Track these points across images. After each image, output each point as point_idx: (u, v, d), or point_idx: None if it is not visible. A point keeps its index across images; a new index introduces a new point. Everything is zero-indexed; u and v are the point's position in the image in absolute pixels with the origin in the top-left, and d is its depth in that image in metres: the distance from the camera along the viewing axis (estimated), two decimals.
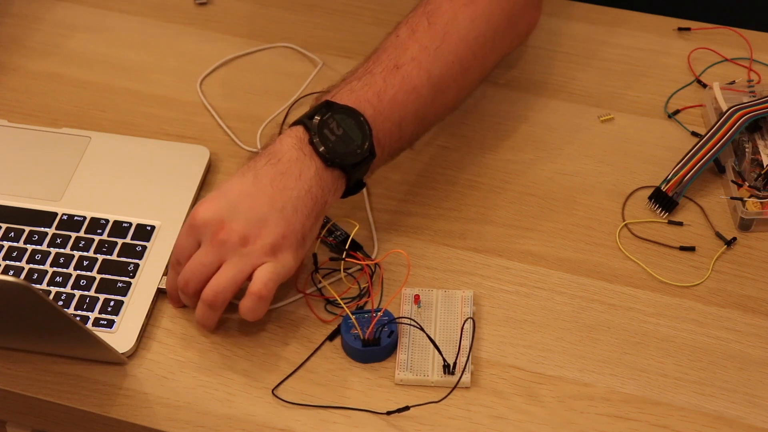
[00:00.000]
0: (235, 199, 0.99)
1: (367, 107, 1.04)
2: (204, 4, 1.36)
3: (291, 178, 1.00)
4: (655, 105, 1.23)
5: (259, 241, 0.98)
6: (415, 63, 1.07)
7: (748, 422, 0.97)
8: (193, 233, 1.00)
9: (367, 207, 1.12)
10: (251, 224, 0.98)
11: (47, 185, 1.14)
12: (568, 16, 1.33)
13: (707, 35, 1.30)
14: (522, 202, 1.14)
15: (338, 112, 1.03)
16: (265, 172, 1.00)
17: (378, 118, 1.04)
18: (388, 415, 0.97)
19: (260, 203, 0.99)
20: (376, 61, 1.07)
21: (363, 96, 1.04)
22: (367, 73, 1.06)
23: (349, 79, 1.07)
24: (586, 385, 1.00)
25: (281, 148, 1.02)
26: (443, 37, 1.08)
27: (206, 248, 0.99)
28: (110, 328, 1.03)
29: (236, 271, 0.98)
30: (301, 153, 1.01)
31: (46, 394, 1.00)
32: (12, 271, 1.07)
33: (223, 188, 1.01)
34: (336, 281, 1.07)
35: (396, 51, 1.07)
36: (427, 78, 1.07)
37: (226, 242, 0.98)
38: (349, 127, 1.02)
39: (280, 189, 1.00)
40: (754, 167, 1.13)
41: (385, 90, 1.05)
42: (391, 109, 1.05)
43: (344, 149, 1.02)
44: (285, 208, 0.99)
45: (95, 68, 1.28)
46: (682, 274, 1.08)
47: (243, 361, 1.02)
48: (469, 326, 1.02)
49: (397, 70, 1.06)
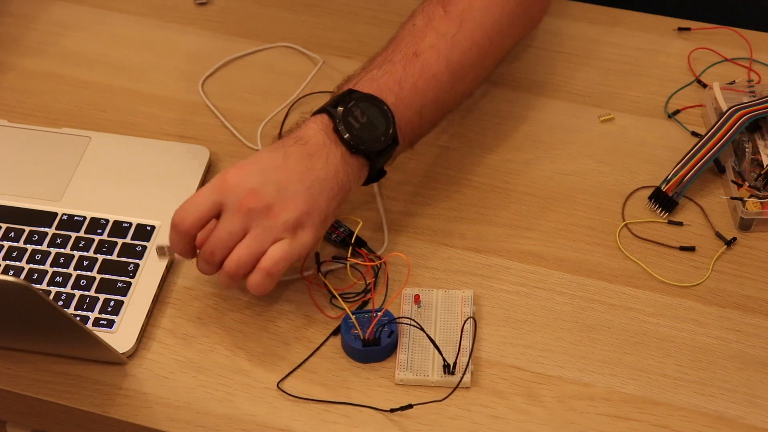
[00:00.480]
0: (267, 170, 0.99)
1: (389, 95, 1.04)
2: (204, 4, 1.36)
3: (319, 160, 1.01)
4: (655, 105, 1.23)
5: (284, 215, 0.98)
6: (433, 50, 1.07)
7: (748, 422, 0.97)
8: (218, 194, 0.98)
9: (378, 202, 1.12)
10: (279, 195, 0.98)
11: (47, 185, 1.14)
12: (569, 16, 1.33)
13: (707, 35, 1.30)
14: (522, 202, 1.14)
15: (362, 100, 1.03)
16: (293, 151, 1.01)
17: (400, 106, 1.05)
18: (391, 413, 0.97)
19: (290, 177, 0.99)
20: (394, 49, 1.08)
21: (384, 84, 1.05)
22: (386, 61, 1.07)
23: (369, 68, 1.07)
24: (586, 385, 1.00)
25: (307, 132, 1.02)
26: (460, 24, 1.09)
27: (233, 215, 0.98)
28: (110, 328, 1.03)
29: (259, 244, 0.98)
30: (327, 139, 1.02)
31: (46, 394, 1.00)
32: (12, 271, 1.07)
33: (254, 158, 1.01)
34: (342, 277, 1.07)
35: (414, 39, 1.08)
36: (446, 65, 1.08)
37: (253, 210, 0.98)
38: (373, 115, 1.03)
39: (309, 168, 1.00)
40: (754, 167, 1.13)
41: (405, 78, 1.06)
42: (412, 96, 1.06)
43: (369, 136, 1.03)
44: (312, 186, 1.00)
45: (95, 68, 1.28)
46: (682, 274, 1.08)
47: (243, 361, 1.02)
48: (469, 326, 1.02)
49: (416, 58, 1.07)
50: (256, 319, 1.04)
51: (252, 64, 1.29)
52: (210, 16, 1.35)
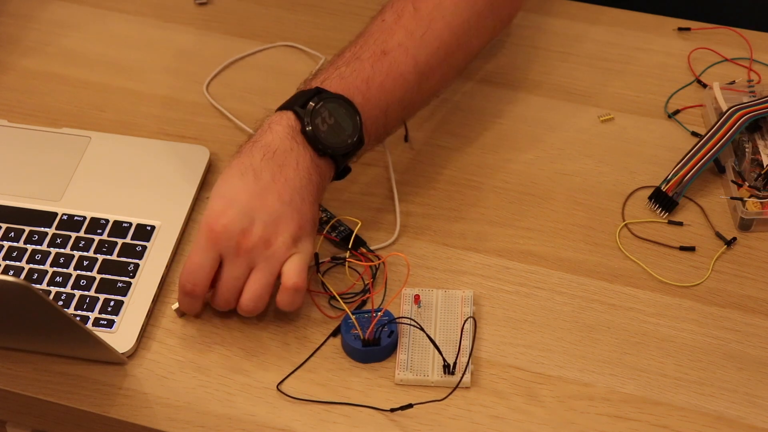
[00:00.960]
0: (246, 204, 0.99)
1: (357, 94, 1.04)
2: (204, 4, 1.36)
3: (290, 169, 1.00)
4: (655, 105, 1.23)
5: (280, 239, 0.99)
6: (401, 49, 1.07)
7: (748, 422, 0.97)
8: (214, 248, 0.99)
9: (393, 188, 1.13)
10: (270, 225, 0.99)
11: (47, 185, 1.14)
12: (569, 16, 1.33)
13: (707, 35, 1.30)
14: (522, 202, 1.14)
15: (330, 101, 1.03)
16: (262, 167, 1.00)
17: (366, 106, 1.04)
18: (391, 412, 0.97)
19: (270, 202, 0.99)
20: (363, 45, 1.07)
21: (352, 83, 1.04)
22: (355, 58, 1.06)
23: (336, 63, 1.07)
24: (586, 385, 1.00)
25: (274, 139, 1.02)
26: (429, 24, 1.08)
27: (234, 261, 0.99)
28: (110, 328, 1.03)
29: (268, 275, 0.99)
30: (294, 142, 1.01)
31: (46, 394, 1.00)
32: (12, 271, 1.07)
33: (227, 194, 1.00)
34: (341, 277, 1.07)
35: (383, 36, 1.07)
36: (413, 65, 1.07)
37: (252, 249, 0.98)
38: (341, 116, 1.03)
39: (283, 182, 1.00)
40: (754, 167, 1.13)
41: (373, 77, 1.05)
42: (378, 96, 1.05)
43: (336, 140, 1.02)
44: (294, 200, 1.00)
45: (95, 68, 1.28)
46: (682, 274, 1.08)
47: (243, 361, 1.02)
48: (469, 326, 1.02)
49: (384, 56, 1.06)
50: (256, 319, 1.04)
51: (252, 64, 1.29)
52: (210, 16, 1.35)
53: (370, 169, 1.16)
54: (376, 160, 1.16)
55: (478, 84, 1.25)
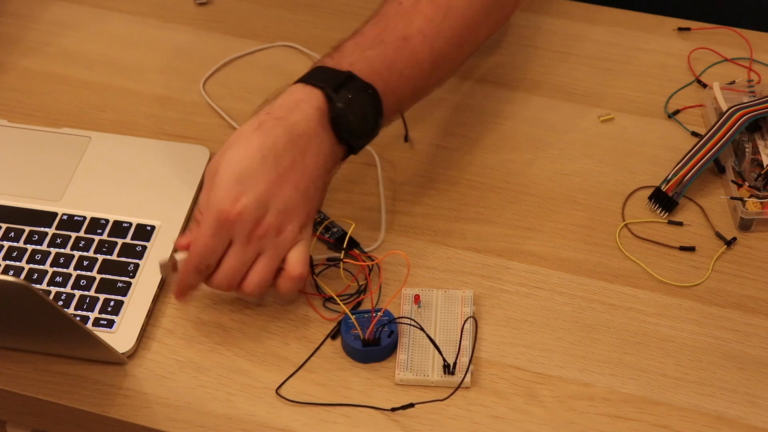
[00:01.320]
0: (263, 193, 0.98)
1: (379, 81, 1.04)
2: (204, 4, 1.36)
3: (310, 156, 1.00)
4: (655, 105, 1.23)
5: (290, 227, 0.99)
6: (421, 36, 1.06)
7: (748, 422, 0.97)
8: (226, 231, 0.98)
9: (380, 190, 1.13)
10: (282, 213, 0.99)
11: (47, 185, 1.14)
12: (568, 16, 1.33)
13: (707, 35, 1.30)
14: (522, 202, 1.14)
15: (362, 91, 1.02)
16: (285, 152, 0.99)
17: (386, 93, 1.04)
18: (392, 412, 0.97)
19: (286, 190, 0.99)
20: (385, 28, 1.06)
21: (377, 69, 1.04)
22: (379, 42, 1.05)
23: (361, 44, 1.05)
24: (586, 385, 1.00)
25: (300, 120, 1.00)
26: (446, 11, 1.08)
27: (244, 246, 0.98)
28: (110, 328, 1.03)
29: (275, 260, 1.00)
30: (320, 127, 1.01)
31: (46, 394, 1.00)
32: (12, 271, 1.07)
33: (245, 178, 0.98)
34: (335, 278, 1.07)
35: (403, 20, 1.06)
36: (429, 53, 1.07)
37: (263, 237, 0.98)
38: (367, 108, 1.03)
39: (302, 171, 1.00)
40: (754, 167, 1.13)
41: (395, 63, 1.05)
42: (397, 84, 1.05)
43: (360, 131, 1.03)
44: (308, 189, 1.00)
45: (95, 68, 1.28)
46: (682, 274, 1.08)
47: (243, 361, 1.02)
48: (469, 326, 1.02)
49: (405, 43, 1.06)
50: (256, 319, 1.04)
51: (252, 63, 1.29)
52: (210, 16, 1.35)
53: (370, 169, 1.16)
54: (375, 161, 1.16)
55: (478, 84, 1.25)
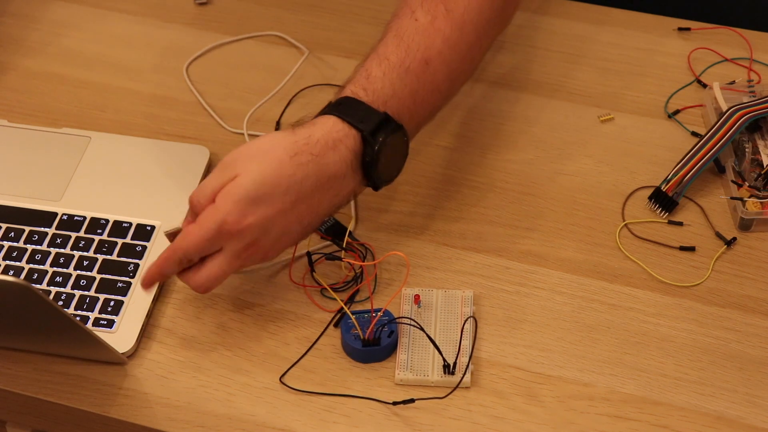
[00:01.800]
0: (270, 219, 0.98)
1: (405, 113, 1.03)
2: (204, 4, 1.36)
3: (329, 194, 1.00)
4: (655, 105, 1.23)
5: (275, 251, 1.01)
6: (441, 58, 1.05)
7: (748, 422, 0.97)
8: (221, 241, 0.98)
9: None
10: (277, 240, 1.00)
11: (47, 185, 1.14)
12: (569, 16, 1.33)
13: (707, 35, 1.30)
14: (522, 202, 1.14)
15: (395, 135, 1.01)
16: (307, 194, 0.99)
17: (411, 123, 1.04)
18: (393, 405, 0.97)
19: (291, 223, 1.00)
20: (408, 51, 1.04)
21: (404, 101, 1.03)
22: (405, 70, 1.03)
23: (389, 73, 1.03)
24: (586, 385, 1.00)
25: (335, 163, 0.99)
26: (461, 27, 1.06)
27: (232, 259, 0.99)
28: (110, 328, 1.03)
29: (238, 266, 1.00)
30: (351, 170, 1.00)
31: (46, 394, 1.00)
32: (12, 271, 1.07)
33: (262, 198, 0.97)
34: (328, 272, 1.07)
35: (423, 41, 1.05)
36: (447, 74, 1.06)
37: (252, 255, 1.00)
38: (396, 152, 1.03)
39: (315, 208, 1.00)
40: (754, 167, 1.13)
41: (418, 91, 1.04)
42: (421, 112, 1.06)
43: (388, 175, 1.03)
44: (311, 224, 1.02)
45: (95, 68, 1.28)
46: (682, 274, 1.08)
47: (243, 361, 1.02)
48: (469, 326, 1.02)
49: (427, 67, 1.04)
50: (256, 319, 1.05)
51: (252, 63, 1.29)
52: (210, 16, 1.35)
53: None
54: None
55: (478, 84, 1.25)
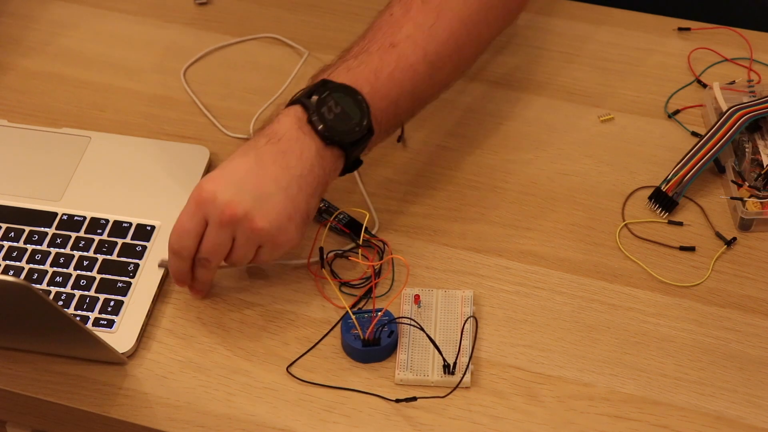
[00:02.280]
0: (240, 178, 0.99)
1: (365, 85, 1.04)
2: (204, 4, 1.36)
3: (293, 156, 1.01)
4: (655, 105, 1.23)
5: (264, 222, 0.99)
6: (410, 41, 1.06)
7: (748, 422, 0.97)
8: (200, 211, 0.99)
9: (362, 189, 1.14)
10: (257, 203, 0.99)
11: (47, 185, 1.14)
12: (569, 16, 1.33)
13: (707, 35, 1.30)
14: (522, 202, 1.14)
15: (336, 91, 1.03)
16: (266, 150, 1.01)
17: (375, 96, 1.04)
18: (396, 403, 0.97)
19: (265, 181, 0.99)
20: (371, 39, 1.07)
21: (360, 74, 1.04)
22: (363, 51, 1.06)
23: (345, 57, 1.07)
24: (586, 385, 1.00)
25: (280, 128, 1.02)
26: (437, 15, 1.08)
27: (217, 228, 0.99)
28: (110, 328, 1.03)
29: (246, 252, 1.01)
30: (301, 132, 1.01)
31: (46, 394, 1.00)
32: (12, 271, 1.07)
33: (226, 167, 1.01)
34: (342, 269, 1.07)
35: (391, 29, 1.07)
36: (423, 56, 1.07)
37: (235, 222, 0.99)
38: (348, 105, 1.03)
39: (283, 167, 1.00)
40: (754, 167, 1.13)
41: (381, 68, 1.05)
42: (388, 87, 1.05)
43: (343, 127, 1.02)
44: (290, 186, 1.00)
45: (95, 68, 1.28)
46: (682, 274, 1.08)
47: (243, 361, 1.02)
48: (469, 326, 1.02)
49: (393, 48, 1.06)
50: (256, 319, 1.05)
51: (251, 63, 1.29)
52: (210, 16, 1.35)
53: (370, 168, 1.16)
54: (376, 161, 1.17)
55: (478, 84, 1.25)
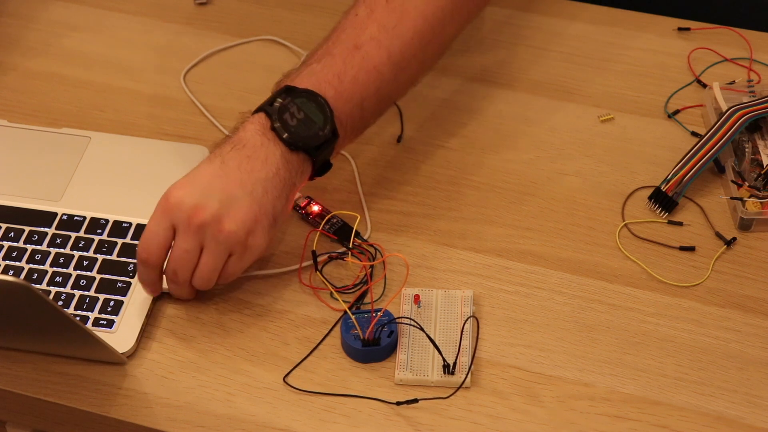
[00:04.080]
0: (206, 183, 1.00)
1: (328, 89, 1.04)
2: (204, 4, 1.36)
3: (257, 161, 1.01)
4: (655, 105, 1.23)
5: (232, 225, 0.99)
6: (374, 42, 1.07)
7: (748, 422, 0.97)
8: (167, 218, 1.00)
9: (359, 189, 1.13)
10: (223, 206, 0.99)
11: (47, 185, 1.14)
12: (569, 17, 1.33)
13: (707, 35, 1.30)
14: (522, 202, 1.14)
15: (298, 96, 1.03)
16: (231, 157, 1.01)
17: (339, 99, 1.04)
18: (397, 405, 0.97)
19: (230, 185, 1.00)
20: (335, 41, 1.07)
21: (323, 78, 1.05)
22: (326, 54, 1.06)
23: (308, 62, 1.07)
24: (586, 385, 1.00)
25: (245, 135, 1.03)
26: (401, 15, 1.08)
27: (185, 235, 0.99)
28: (110, 328, 1.03)
29: (216, 260, 1.00)
30: (265, 138, 1.02)
31: (46, 394, 1.00)
32: (12, 271, 1.07)
33: (191, 174, 1.01)
34: (336, 272, 1.07)
35: (355, 31, 1.07)
36: (387, 57, 1.07)
37: (202, 226, 0.99)
38: (310, 111, 1.03)
39: (248, 172, 1.00)
40: (754, 167, 1.13)
41: (345, 71, 1.05)
42: (352, 89, 1.05)
43: (306, 133, 1.02)
44: (255, 190, 1.00)
45: (95, 68, 1.28)
46: (682, 274, 1.08)
47: (243, 361, 1.02)
48: (470, 326, 1.02)
49: (356, 51, 1.06)
50: (256, 319, 1.05)
51: (251, 63, 1.29)
52: (210, 16, 1.35)
53: (369, 168, 1.16)
54: (375, 161, 1.17)
55: (479, 84, 1.25)
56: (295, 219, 1.12)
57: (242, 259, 1.01)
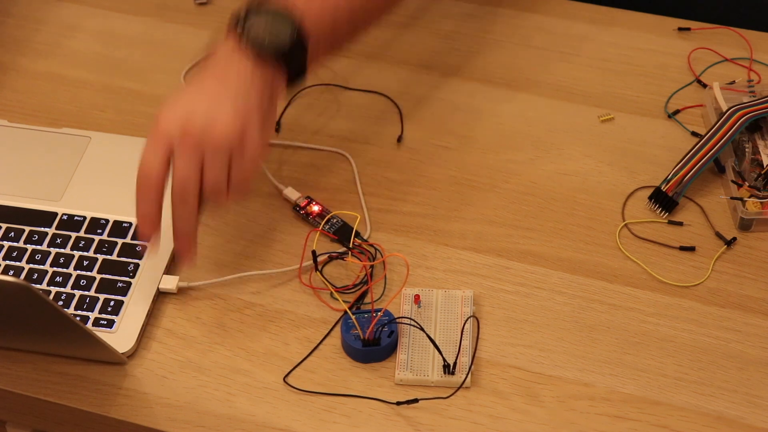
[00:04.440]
0: (188, 101, 1.00)
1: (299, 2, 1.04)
2: (204, 4, 1.36)
3: (231, 73, 1.02)
4: (655, 105, 1.23)
5: (225, 128, 0.99)
6: None
7: (748, 422, 0.97)
8: (160, 144, 0.99)
9: (358, 189, 1.13)
10: (211, 115, 0.99)
11: (47, 185, 1.14)
12: (568, 16, 1.33)
13: (707, 35, 1.30)
14: (522, 202, 1.14)
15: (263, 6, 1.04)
16: (206, 75, 1.03)
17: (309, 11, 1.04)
18: (397, 405, 0.97)
19: (211, 97, 1.00)
20: None
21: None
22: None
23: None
24: (586, 385, 1.00)
25: (216, 55, 1.04)
26: None
27: (182, 153, 0.99)
28: (110, 328, 1.03)
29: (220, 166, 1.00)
30: (235, 53, 1.02)
31: (46, 394, 1.00)
32: (12, 271, 1.07)
33: (172, 99, 1.01)
34: (336, 272, 1.07)
35: None
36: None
37: (196, 135, 0.99)
38: (277, 19, 1.03)
39: (225, 81, 1.01)
40: (754, 167, 1.13)
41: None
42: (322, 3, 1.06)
43: (272, 38, 1.03)
44: (237, 95, 1.01)
45: (95, 68, 1.28)
46: (682, 274, 1.08)
47: (243, 361, 1.02)
48: (470, 326, 1.02)
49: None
50: (256, 319, 1.05)
51: None
52: (210, 16, 1.35)
53: (369, 168, 1.16)
54: (375, 161, 1.17)
55: (478, 84, 1.25)
56: (295, 219, 1.12)
57: (244, 160, 1.00)
